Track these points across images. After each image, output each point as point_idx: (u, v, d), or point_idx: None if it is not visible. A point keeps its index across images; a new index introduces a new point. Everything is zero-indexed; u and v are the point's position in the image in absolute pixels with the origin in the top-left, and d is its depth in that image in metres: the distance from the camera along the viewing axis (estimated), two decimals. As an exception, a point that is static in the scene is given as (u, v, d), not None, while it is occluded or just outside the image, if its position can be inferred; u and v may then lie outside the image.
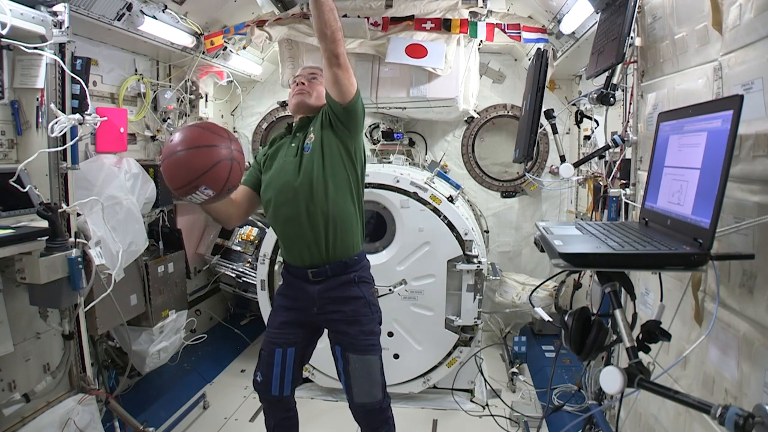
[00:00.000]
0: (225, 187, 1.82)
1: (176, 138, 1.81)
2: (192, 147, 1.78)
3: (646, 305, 1.97)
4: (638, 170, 2.17)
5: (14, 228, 1.93)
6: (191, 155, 1.77)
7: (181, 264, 3.36)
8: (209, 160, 1.77)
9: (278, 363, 2.19)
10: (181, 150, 1.76)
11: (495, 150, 4.49)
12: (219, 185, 1.79)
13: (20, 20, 1.99)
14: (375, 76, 3.47)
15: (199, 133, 1.83)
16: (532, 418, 3.03)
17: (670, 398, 1.07)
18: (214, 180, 1.78)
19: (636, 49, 2.11)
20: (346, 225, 2.11)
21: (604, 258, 1.16)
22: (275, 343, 2.21)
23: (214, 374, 3.62)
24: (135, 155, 3.22)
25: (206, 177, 1.76)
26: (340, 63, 1.96)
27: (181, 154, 1.76)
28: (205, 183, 1.76)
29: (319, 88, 2.21)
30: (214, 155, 1.78)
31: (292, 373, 2.22)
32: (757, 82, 1.24)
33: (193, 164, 1.75)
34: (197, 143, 1.79)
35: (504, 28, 3.31)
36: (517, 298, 3.78)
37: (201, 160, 1.76)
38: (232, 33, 3.47)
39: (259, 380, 2.23)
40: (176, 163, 1.76)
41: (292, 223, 2.09)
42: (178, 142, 1.79)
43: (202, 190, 1.77)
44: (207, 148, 1.79)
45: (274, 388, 2.20)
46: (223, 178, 1.79)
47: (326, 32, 1.90)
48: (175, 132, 1.87)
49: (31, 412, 2.17)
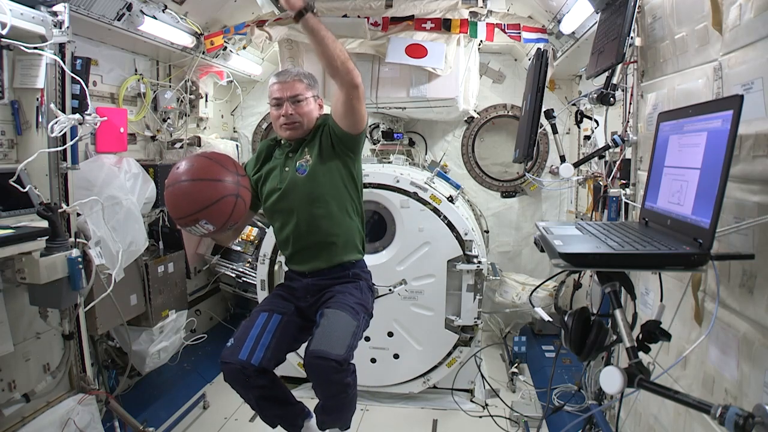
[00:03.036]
0: (226, 224, 1.75)
1: (182, 167, 1.74)
2: (197, 179, 1.71)
3: (646, 305, 1.97)
4: (638, 170, 2.17)
5: (14, 228, 1.93)
6: (195, 187, 1.70)
7: (181, 264, 3.36)
8: (213, 194, 1.70)
9: (259, 325, 1.97)
10: (186, 180, 1.70)
11: (495, 150, 4.49)
12: (220, 221, 1.73)
13: (20, 20, 1.99)
14: (375, 76, 3.47)
15: (206, 165, 1.76)
16: (532, 419, 3.03)
17: (670, 398, 1.07)
18: (216, 215, 1.71)
19: (636, 49, 2.11)
20: (349, 239, 2.11)
21: (604, 258, 1.16)
22: (261, 310, 2.05)
23: (214, 374, 3.62)
24: (135, 155, 3.22)
25: (208, 211, 1.70)
26: (360, 94, 1.88)
27: (184, 185, 1.70)
28: (206, 218, 1.70)
29: (307, 110, 2.06)
30: (219, 190, 1.71)
31: (271, 340, 1.93)
32: (757, 82, 1.24)
33: (196, 197, 1.69)
34: (203, 175, 1.73)
35: (504, 28, 3.31)
36: (517, 298, 3.78)
37: (204, 194, 1.70)
38: (232, 33, 3.48)
39: (229, 345, 1.94)
40: (178, 192, 1.71)
41: (296, 241, 2.08)
42: (184, 171, 1.72)
43: (202, 224, 1.71)
44: (212, 182, 1.72)
45: (244, 351, 1.88)
46: (226, 214, 1.73)
47: (336, 65, 1.81)
48: (182, 160, 1.80)
49: (31, 412, 2.17)
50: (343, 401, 1.91)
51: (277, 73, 2.11)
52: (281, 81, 2.05)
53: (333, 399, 1.90)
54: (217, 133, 4.32)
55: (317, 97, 2.12)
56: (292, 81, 2.03)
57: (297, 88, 2.03)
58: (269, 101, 2.08)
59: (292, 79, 2.04)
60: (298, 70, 2.08)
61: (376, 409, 3.27)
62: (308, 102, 2.05)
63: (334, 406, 1.94)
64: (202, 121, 4.03)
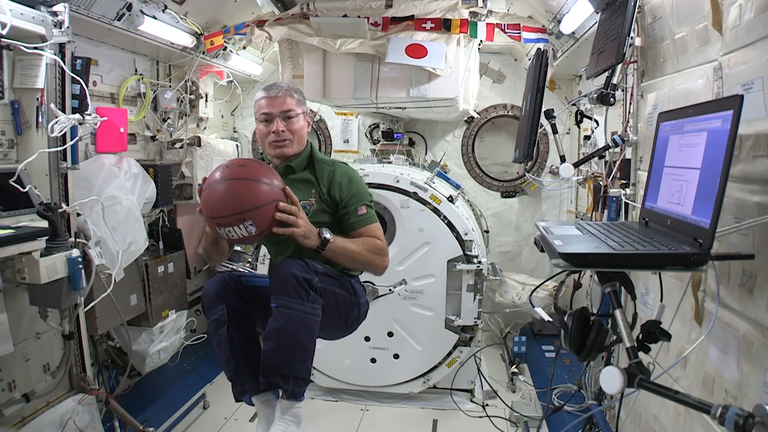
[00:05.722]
0: (266, 230, 1.68)
1: (232, 164, 1.71)
2: (254, 179, 1.67)
3: (646, 305, 1.97)
4: (638, 170, 2.17)
5: (14, 228, 1.93)
6: (253, 186, 1.65)
7: (181, 264, 3.36)
8: (267, 196, 1.66)
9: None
10: (245, 178, 1.66)
11: (495, 150, 4.49)
12: (264, 225, 1.66)
13: (20, 20, 1.99)
14: (375, 76, 3.47)
15: (261, 168, 1.73)
16: (532, 419, 3.03)
17: (670, 398, 1.07)
18: (263, 218, 1.65)
19: (636, 49, 2.11)
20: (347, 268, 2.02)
21: (604, 258, 1.16)
22: None
23: (214, 374, 3.62)
24: (135, 155, 3.22)
25: (258, 212, 1.63)
26: (386, 265, 1.94)
27: (245, 182, 1.65)
28: (254, 218, 1.63)
29: (298, 126, 1.94)
30: (270, 194, 1.67)
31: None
32: (757, 82, 1.24)
33: (253, 194, 1.64)
34: (260, 176, 1.68)
35: (504, 28, 3.31)
36: (517, 298, 3.78)
37: (258, 193, 1.65)
38: (232, 33, 3.47)
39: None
40: (234, 188, 1.65)
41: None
42: (240, 168, 1.69)
43: (246, 225, 1.63)
44: (266, 186, 1.68)
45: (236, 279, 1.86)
46: (270, 219, 1.67)
47: (368, 268, 1.89)
48: (232, 161, 1.78)
49: (31, 412, 2.17)
50: (294, 328, 1.66)
51: (265, 87, 1.97)
52: (271, 96, 1.91)
53: (283, 310, 1.66)
54: (217, 133, 4.32)
55: (306, 113, 2.02)
56: (283, 96, 1.90)
57: (288, 103, 1.90)
58: (256, 116, 1.94)
59: (283, 94, 1.90)
60: (288, 85, 1.98)
61: (376, 409, 3.27)
62: (299, 119, 1.94)
63: (280, 332, 1.66)
64: (202, 121, 4.03)
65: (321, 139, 4.55)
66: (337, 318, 1.90)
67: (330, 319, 1.84)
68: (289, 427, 1.68)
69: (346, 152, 4.49)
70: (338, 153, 4.51)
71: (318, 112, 4.44)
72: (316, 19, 3.26)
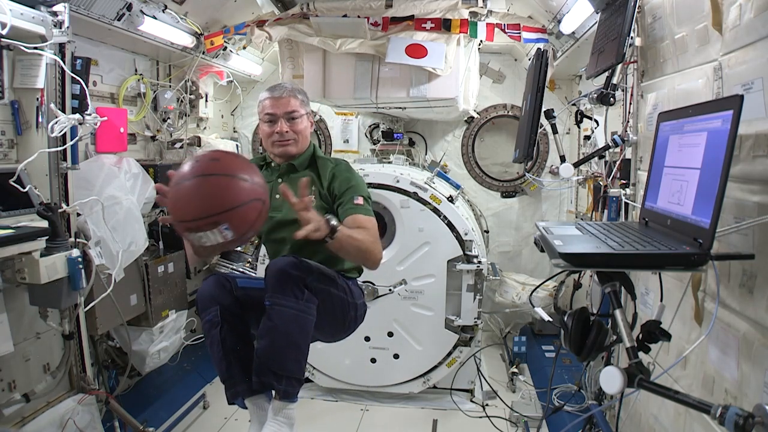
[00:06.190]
0: (246, 234, 1.46)
1: (203, 158, 1.45)
2: (229, 174, 1.41)
3: (646, 305, 1.97)
4: (638, 170, 2.17)
5: (14, 228, 1.93)
6: (228, 183, 1.40)
7: (181, 264, 3.36)
8: (246, 194, 1.41)
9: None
10: (218, 174, 1.41)
11: (495, 150, 4.49)
12: (243, 228, 1.43)
13: (20, 20, 1.99)
14: (375, 76, 3.47)
15: (238, 161, 1.51)
16: (532, 419, 3.03)
17: (670, 398, 1.07)
18: (241, 220, 1.41)
19: (636, 49, 2.11)
20: (344, 267, 2.00)
21: (604, 258, 1.16)
22: None
23: (214, 374, 3.61)
24: (135, 155, 3.23)
25: (235, 213, 1.39)
26: (381, 257, 1.86)
27: (218, 179, 1.40)
28: (230, 221, 1.38)
29: (302, 127, 1.95)
30: (248, 192, 1.42)
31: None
32: (757, 82, 1.24)
33: (229, 193, 1.40)
34: (236, 171, 1.43)
35: (504, 28, 3.31)
36: (517, 298, 3.78)
37: (238, 192, 1.41)
38: (232, 33, 3.48)
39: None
40: (205, 186, 1.40)
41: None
42: (207, 163, 1.43)
43: (221, 230, 1.37)
44: (245, 182, 1.42)
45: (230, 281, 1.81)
46: (250, 222, 1.44)
47: (369, 258, 1.78)
48: (203, 153, 1.51)
49: (31, 412, 2.17)
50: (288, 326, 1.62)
51: (269, 88, 1.98)
52: (275, 97, 1.92)
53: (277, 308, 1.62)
54: (217, 133, 4.32)
55: (309, 114, 2.02)
56: (287, 97, 1.92)
57: (292, 104, 1.92)
58: (260, 117, 1.96)
59: (287, 95, 1.92)
60: (293, 86, 1.99)
61: (376, 409, 3.27)
62: (303, 119, 1.96)
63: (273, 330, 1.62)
64: (202, 121, 4.03)
65: (321, 139, 4.55)
66: (333, 319, 1.87)
67: (326, 320, 1.81)
68: (281, 429, 1.64)
69: (346, 152, 4.49)
70: (338, 153, 4.51)
71: (318, 112, 4.44)
72: (316, 19, 3.26)
